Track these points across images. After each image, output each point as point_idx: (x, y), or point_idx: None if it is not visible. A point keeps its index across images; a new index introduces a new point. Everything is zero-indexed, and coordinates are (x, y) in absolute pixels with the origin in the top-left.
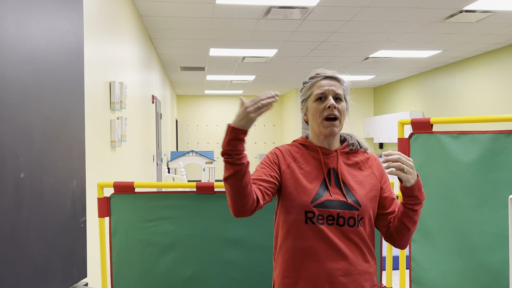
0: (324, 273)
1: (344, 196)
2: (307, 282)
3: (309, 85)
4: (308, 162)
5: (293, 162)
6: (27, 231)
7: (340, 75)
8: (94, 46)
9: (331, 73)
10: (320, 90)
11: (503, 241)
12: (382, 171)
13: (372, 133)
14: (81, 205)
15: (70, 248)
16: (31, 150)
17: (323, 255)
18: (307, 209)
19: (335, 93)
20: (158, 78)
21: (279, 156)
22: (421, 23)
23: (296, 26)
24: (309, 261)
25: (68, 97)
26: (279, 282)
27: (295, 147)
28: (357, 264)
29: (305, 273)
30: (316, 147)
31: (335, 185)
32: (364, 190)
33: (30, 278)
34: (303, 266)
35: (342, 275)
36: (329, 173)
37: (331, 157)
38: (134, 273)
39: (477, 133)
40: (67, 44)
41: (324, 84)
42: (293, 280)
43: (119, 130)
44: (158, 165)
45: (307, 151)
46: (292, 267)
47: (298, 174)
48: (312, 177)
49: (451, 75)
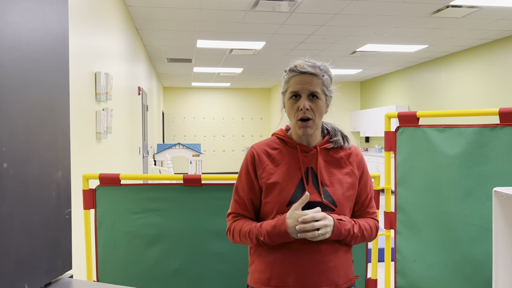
0: (297, 272)
1: (321, 196)
2: (280, 280)
3: (286, 79)
4: (285, 161)
5: (270, 164)
6: (11, 222)
7: (320, 68)
8: (79, 35)
9: (308, 68)
10: (294, 88)
11: (487, 233)
12: (362, 167)
13: (358, 126)
14: (66, 196)
15: (55, 239)
16: (14, 139)
17: (298, 256)
18: (283, 211)
19: (310, 91)
20: (145, 70)
21: (256, 161)
22: (408, 17)
23: (284, 19)
24: (283, 260)
25: (53, 87)
26: (254, 276)
27: (273, 143)
28: (331, 260)
29: (277, 271)
30: (295, 144)
31: (312, 185)
32: (342, 189)
33: (14, 270)
34: (276, 262)
35: (315, 273)
36: (307, 172)
37: (310, 155)
38: (120, 265)
39: (462, 126)
40: (52, 31)
41: (299, 81)
42: (267, 276)
43: (105, 122)
44: (144, 158)
45: (285, 148)
46: (265, 263)
47: (275, 177)
48: (289, 177)
49: (437, 70)
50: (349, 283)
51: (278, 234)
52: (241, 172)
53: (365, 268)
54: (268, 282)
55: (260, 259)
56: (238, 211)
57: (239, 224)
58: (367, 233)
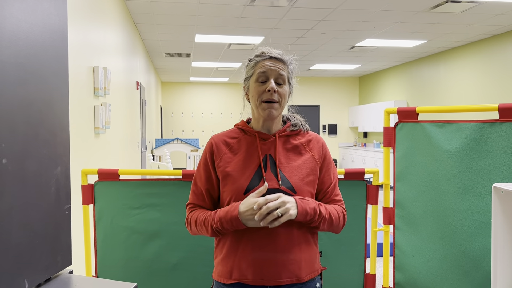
0: (257, 262)
1: (278, 182)
2: (240, 272)
3: (253, 63)
4: (243, 149)
5: (228, 152)
6: (10, 217)
7: (287, 57)
8: (77, 30)
9: (276, 53)
10: (262, 70)
11: (485, 229)
12: (324, 154)
13: (357, 122)
14: (65, 191)
15: (54, 235)
16: (13, 135)
17: (257, 245)
18: (240, 199)
19: (278, 75)
20: (143, 64)
21: (214, 151)
22: (407, 12)
23: (283, 14)
24: (242, 250)
25: (52, 82)
26: (218, 270)
27: (233, 133)
28: (291, 252)
29: (238, 262)
30: (254, 132)
31: (270, 171)
32: (301, 175)
33: (13, 266)
34: (237, 255)
35: (276, 263)
36: (266, 159)
37: (269, 142)
38: (119, 260)
39: (461, 122)
40: (50, 26)
41: (268, 64)
42: (228, 269)
43: (103, 117)
44: (143, 153)
45: (244, 137)
46: (227, 256)
47: (232, 165)
48: (246, 165)
49: (436, 65)
50: (312, 274)
51: (230, 220)
52: (199, 163)
53: (364, 263)
54: (230, 276)
55: (222, 252)
56: (195, 201)
57: (195, 214)
58: (334, 218)
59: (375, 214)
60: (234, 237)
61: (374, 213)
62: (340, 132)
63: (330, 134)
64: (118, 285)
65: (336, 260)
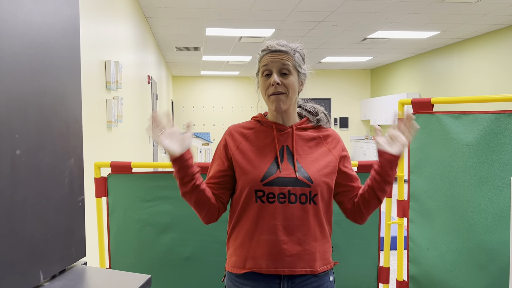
0: (272, 252)
1: (295, 172)
2: (254, 260)
3: (259, 59)
4: (260, 139)
5: (244, 142)
6: (24, 209)
7: (291, 47)
8: (89, 23)
9: (278, 45)
10: (265, 66)
11: (502, 221)
12: (342, 152)
13: (368, 115)
14: (79, 183)
15: (68, 227)
16: (27, 126)
17: (272, 234)
18: (257, 188)
19: (281, 66)
20: (154, 58)
21: (228, 141)
22: (420, 2)
23: (294, 5)
24: (257, 240)
25: (65, 72)
26: (232, 261)
27: (250, 124)
28: (307, 243)
29: (252, 251)
30: (271, 123)
31: (287, 162)
32: (318, 166)
33: (28, 257)
34: (251, 245)
35: (290, 254)
36: (282, 150)
37: (286, 134)
38: (132, 253)
39: (478, 113)
40: (62, 17)
41: (270, 58)
42: (242, 259)
43: (115, 110)
44: (155, 146)
45: (261, 128)
46: (241, 246)
47: (248, 154)
48: (263, 155)
49: (449, 57)
50: (325, 267)
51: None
52: (216, 151)
53: (377, 257)
54: (244, 265)
55: (235, 242)
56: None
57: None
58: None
59: (389, 207)
60: (249, 226)
61: (388, 206)
62: (352, 125)
63: (341, 127)
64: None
65: (350, 253)
